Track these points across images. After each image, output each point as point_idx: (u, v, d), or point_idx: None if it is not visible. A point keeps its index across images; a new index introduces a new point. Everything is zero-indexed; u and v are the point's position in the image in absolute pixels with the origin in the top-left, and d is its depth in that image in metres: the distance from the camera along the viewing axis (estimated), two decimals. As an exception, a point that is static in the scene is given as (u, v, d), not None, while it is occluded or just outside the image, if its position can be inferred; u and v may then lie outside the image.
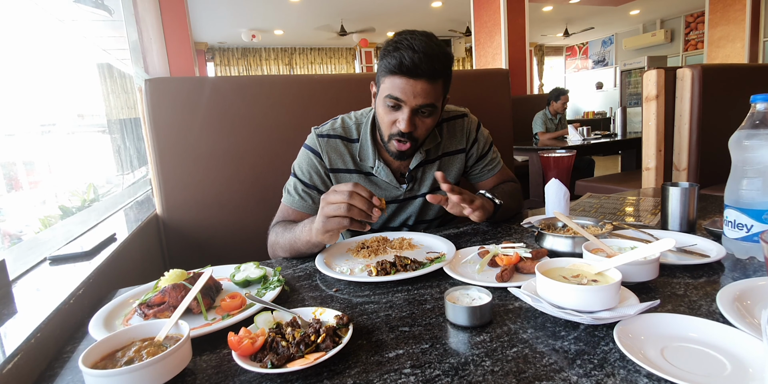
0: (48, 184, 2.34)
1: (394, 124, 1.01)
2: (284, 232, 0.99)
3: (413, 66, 0.93)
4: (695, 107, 1.90)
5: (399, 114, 1.00)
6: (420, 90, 0.96)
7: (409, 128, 0.99)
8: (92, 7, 2.36)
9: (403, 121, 0.99)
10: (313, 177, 1.11)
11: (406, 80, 0.95)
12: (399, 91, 0.96)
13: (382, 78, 1.00)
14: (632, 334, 0.54)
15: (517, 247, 0.83)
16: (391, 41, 0.97)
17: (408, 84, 0.95)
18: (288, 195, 1.12)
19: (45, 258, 0.94)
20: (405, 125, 0.98)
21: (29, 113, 2.17)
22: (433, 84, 0.96)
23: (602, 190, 2.63)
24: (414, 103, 0.97)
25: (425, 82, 0.95)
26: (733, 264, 0.79)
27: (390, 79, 0.97)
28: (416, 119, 1.01)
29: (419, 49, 0.92)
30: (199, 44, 8.34)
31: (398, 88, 0.96)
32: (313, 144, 1.13)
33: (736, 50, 4.67)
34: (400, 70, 0.94)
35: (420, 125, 1.02)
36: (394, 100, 0.98)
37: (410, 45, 0.93)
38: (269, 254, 1.06)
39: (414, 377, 0.50)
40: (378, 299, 0.73)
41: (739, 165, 0.80)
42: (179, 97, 1.40)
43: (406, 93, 0.96)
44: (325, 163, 1.12)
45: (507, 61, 4.30)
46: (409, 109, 0.98)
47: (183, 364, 0.53)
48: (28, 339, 0.59)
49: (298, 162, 1.15)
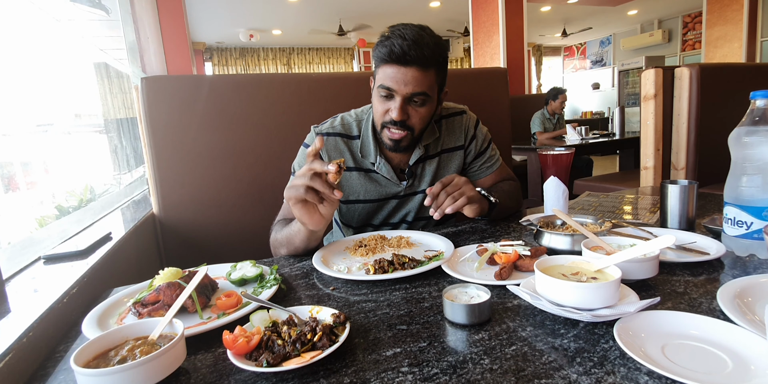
0: (45, 184, 2.32)
1: (386, 112, 1.02)
2: (282, 228, 1.00)
3: (402, 53, 0.94)
4: (693, 106, 1.90)
5: (391, 103, 1.01)
6: (411, 78, 0.96)
7: (401, 116, 1.00)
8: (89, 6, 2.35)
9: (395, 109, 0.99)
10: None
11: (397, 68, 0.96)
12: (390, 80, 0.97)
13: (376, 69, 1.02)
14: (632, 332, 0.53)
15: (515, 245, 0.83)
16: (384, 32, 0.99)
17: (399, 72, 0.96)
18: None
19: (39, 257, 0.93)
20: (397, 113, 0.99)
21: (26, 113, 2.16)
22: (424, 71, 0.97)
23: (601, 190, 2.63)
24: (405, 91, 0.97)
25: (416, 69, 0.96)
26: (733, 261, 0.79)
27: (382, 69, 0.99)
28: (409, 108, 1.01)
29: (409, 37, 0.94)
30: (196, 44, 8.33)
31: (389, 77, 0.97)
32: (312, 142, 1.12)
33: (733, 50, 4.68)
34: (390, 57, 0.95)
35: (413, 114, 1.02)
36: (386, 90, 0.99)
37: (401, 34, 0.95)
38: (272, 253, 1.06)
39: (412, 376, 0.49)
40: (375, 298, 0.72)
41: (738, 162, 0.79)
42: (176, 95, 1.39)
43: (397, 81, 0.97)
44: (325, 161, 1.11)
45: (505, 61, 4.30)
46: (401, 98, 0.99)
47: (177, 363, 0.52)
48: (20, 338, 0.58)
49: (297, 160, 1.14)
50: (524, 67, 4.43)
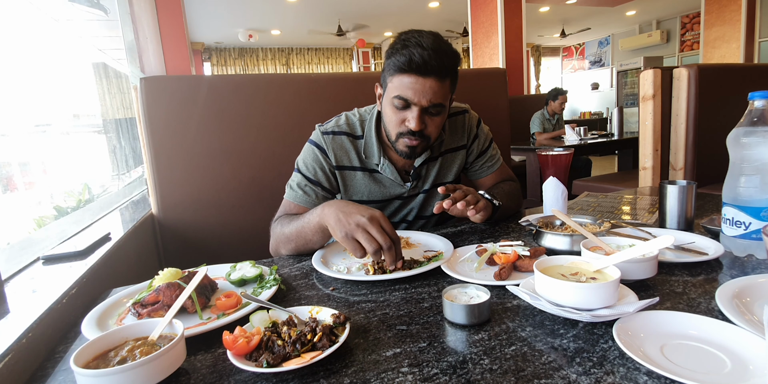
0: (43, 184, 2.32)
1: (403, 123, 1.00)
2: (290, 222, 0.97)
3: (423, 63, 0.91)
4: (692, 107, 1.91)
5: (408, 113, 0.98)
6: (429, 88, 0.94)
7: (420, 127, 0.97)
8: (88, 6, 2.35)
9: (413, 119, 0.97)
10: (317, 173, 1.10)
11: (416, 78, 0.93)
12: (409, 91, 0.94)
13: (389, 77, 0.98)
14: (631, 332, 0.54)
15: (515, 246, 0.83)
16: (398, 39, 0.95)
17: (417, 82, 0.93)
18: (291, 190, 1.11)
19: (38, 257, 0.93)
20: (415, 124, 0.97)
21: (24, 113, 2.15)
22: (441, 82, 0.95)
23: (599, 190, 2.63)
24: (423, 102, 0.95)
25: (434, 80, 0.94)
26: (731, 261, 0.79)
27: (398, 77, 0.95)
28: (426, 117, 0.99)
29: (428, 46, 0.91)
30: (195, 44, 8.32)
31: (407, 87, 0.94)
32: (319, 140, 1.11)
33: (731, 51, 4.69)
34: (409, 67, 0.92)
35: (430, 124, 1.00)
36: (402, 101, 0.96)
37: (419, 42, 0.92)
38: (271, 251, 1.04)
39: (412, 376, 0.50)
40: (375, 298, 0.72)
41: (737, 162, 0.79)
42: (175, 95, 1.39)
43: (416, 92, 0.94)
44: (331, 160, 1.10)
45: (504, 61, 4.30)
46: (418, 109, 0.96)
47: (177, 364, 0.52)
48: (19, 339, 0.58)
49: (302, 157, 1.13)
50: (523, 67, 4.43)
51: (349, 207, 0.84)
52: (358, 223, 0.80)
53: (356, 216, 0.81)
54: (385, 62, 1.01)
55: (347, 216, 0.82)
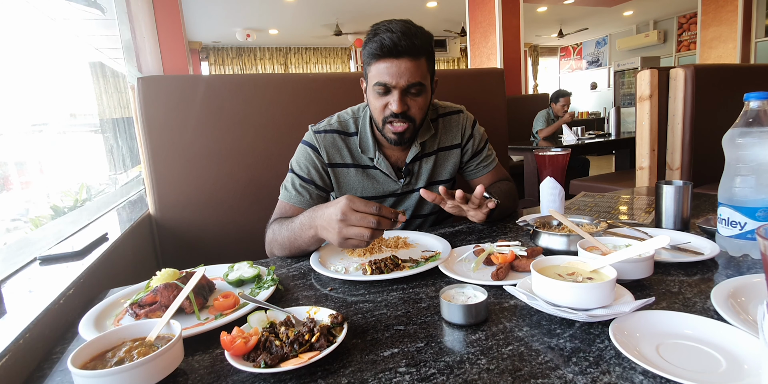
0: (40, 184, 2.31)
1: (386, 107, 1.02)
2: (281, 229, 0.97)
3: (393, 45, 0.95)
4: (688, 107, 1.92)
5: (389, 97, 1.01)
6: (405, 69, 0.97)
7: (402, 108, 1.00)
8: (84, 5, 2.34)
9: (394, 102, 1.00)
10: (311, 172, 1.11)
11: (390, 62, 0.97)
12: (385, 75, 0.98)
13: (367, 68, 1.02)
14: (627, 332, 0.54)
15: (512, 246, 0.83)
16: (370, 30, 0.99)
17: (392, 65, 0.97)
18: (285, 191, 1.12)
19: (35, 258, 0.93)
20: (397, 106, 0.99)
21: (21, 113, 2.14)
22: (416, 61, 0.98)
23: (596, 190, 2.64)
24: (402, 83, 0.98)
25: (408, 60, 0.97)
26: (727, 261, 0.79)
27: (375, 66, 0.99)
28: (407, 99, 1.02)
29: (396, 29, 0.95)
30: (193, 43, 8.29)
31: (383, 71, 0.98)
32: (311, 140, 1.13)
33: (728, 51, 4.70)
34: (381, 52, 0.96)
35: (412, 105, 1.03)
36: (382, 87, 0.99)
37: (388, 28, 0.96)
38: (266, 252, 1.05)
39: (409, 376, 0.50)
40: (373, 298, 0.72)
41: (732, 163, 0.80)
42: (172, 95, 1.38)
43: (392, 75, 0.97)
44: (323, 158, 1.12)
45: (502, 61, 4.30)
46: (398, 91, 0.99)
47: (174, 365, 0.52)
48: (16, 340, 0.58)
49: (295, 158, 1.15)
50: (521, 67, 4.43)
51: (318, 218, 0.84)
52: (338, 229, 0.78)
53: (326, 219, 0.81)
54: (362, 55, 1.04)
55: (328, 223, 0.81)
